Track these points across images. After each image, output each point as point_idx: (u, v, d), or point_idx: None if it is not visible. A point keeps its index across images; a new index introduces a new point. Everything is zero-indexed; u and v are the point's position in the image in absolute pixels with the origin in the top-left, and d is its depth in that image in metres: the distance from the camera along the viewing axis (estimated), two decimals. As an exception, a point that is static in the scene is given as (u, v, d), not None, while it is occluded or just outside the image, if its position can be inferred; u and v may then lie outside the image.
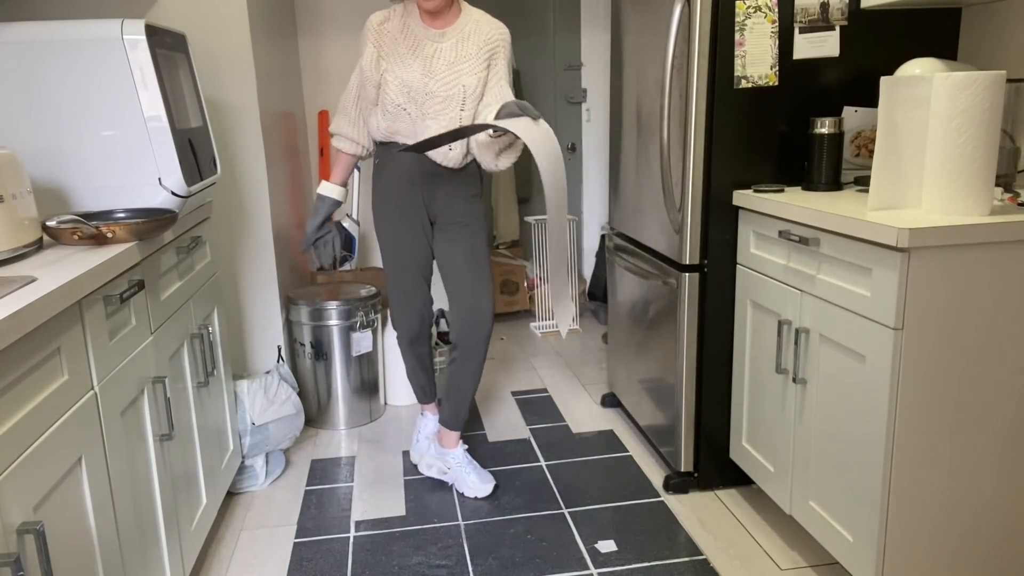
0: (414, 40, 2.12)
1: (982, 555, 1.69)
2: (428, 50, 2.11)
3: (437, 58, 2.11)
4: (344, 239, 3.60)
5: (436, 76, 2.11)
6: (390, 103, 2.13)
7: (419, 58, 2.11)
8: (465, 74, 2.12)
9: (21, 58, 1.73)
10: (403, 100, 2.12)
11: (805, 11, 2.07)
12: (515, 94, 2.46)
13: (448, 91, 2.11)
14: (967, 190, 1.57)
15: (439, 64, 2.11)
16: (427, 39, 2.12)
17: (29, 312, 1.12)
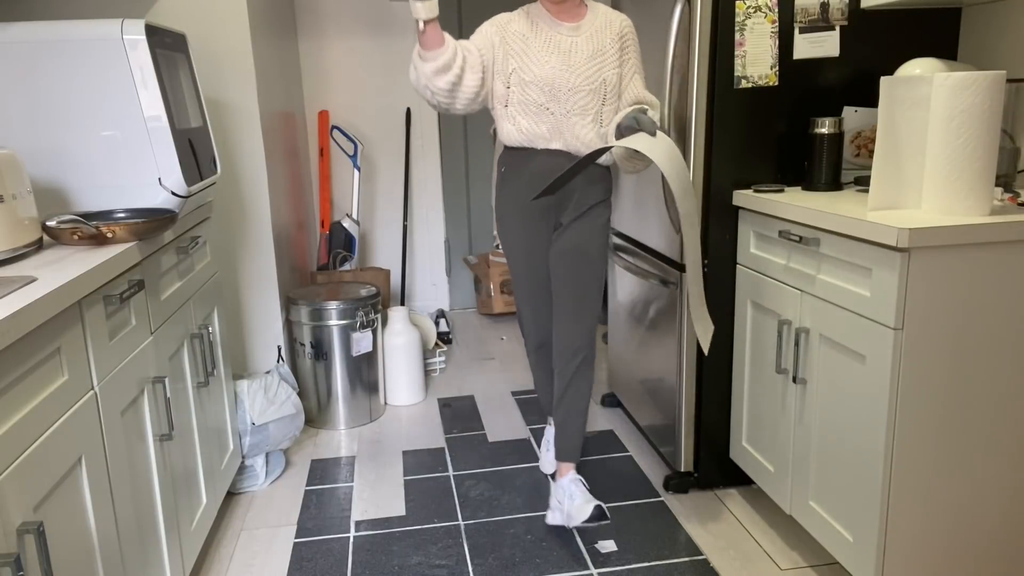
0: (547, 37, 2.04)
1: (982, 555, 1.69)
2: (565, 45, 2.02)
3: (575, 52, 2.02)
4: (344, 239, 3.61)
5: (577, 70, 2.02)
6: (532, 103, 2.03)
7: (556, 53, 2.02)
8: (605, 67, 2.03)
9: (21, 58, 1.73)
10: (545, 99, 2.02)
11: (805, 11, 2.06)
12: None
13: (591, 85, 2.02)
14: (967, 190, 1.57)
15: (579, 58, 2.02)
16: (562, 34, 2.04)
17: (29, 312, 1.12)
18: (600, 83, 2.02)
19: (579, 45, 2.02)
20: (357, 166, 3.69)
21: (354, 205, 3.70)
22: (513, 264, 2.22)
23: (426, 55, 2.00)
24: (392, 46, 3.91)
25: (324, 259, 3.62)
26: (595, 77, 2.02)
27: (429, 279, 4.25)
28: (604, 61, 2.03)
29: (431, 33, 1.99)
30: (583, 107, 2.03)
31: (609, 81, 2.04)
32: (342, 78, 3.88)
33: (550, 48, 2.02)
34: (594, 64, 2.02)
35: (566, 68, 2.01)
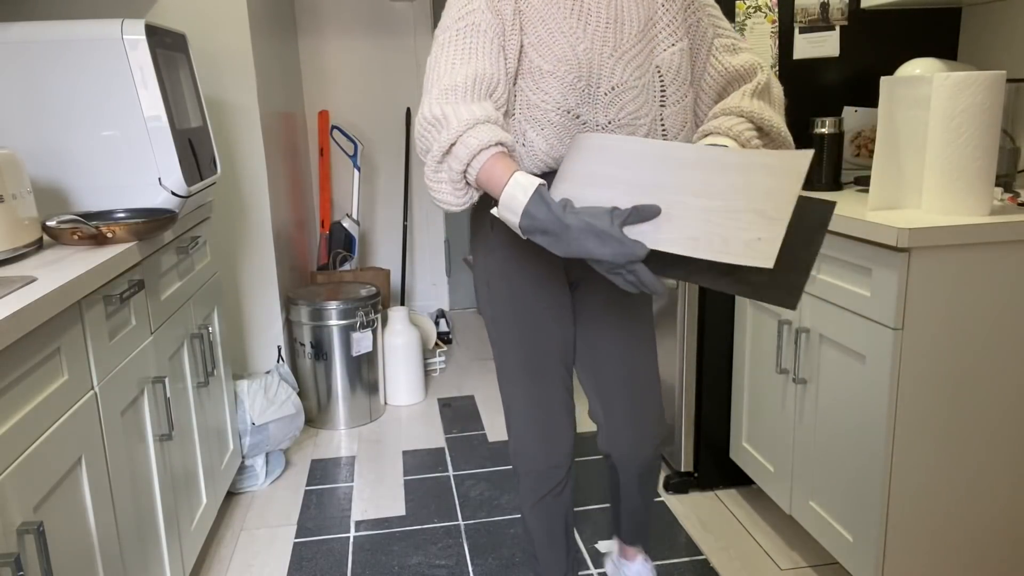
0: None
1: (982, 555, 1.69)
2: (604, 9, 1.26)
3: (621, 22, 1.26)
4: (344, 239, 3.61)
5: (624, 52, 1.27)
6: (550, 108, 1.26)
7: (591, 24, 1.26)
8: (661, 42, 1.29)
9: (21, 58, 1.73)
10: (574, 101, 1.26)
11: (805, 11, 2.07)
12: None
13: (641, 77, 1.28)
14: (967, 190, 1.57)
15: (626, 32, 1.27)
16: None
17: (29, 312, 1.12)
18: (654, 73, 1.29)
19: (626, 9, 1.27)
20: (357, 166, 3.69)
21: (354, 205, 3.70)
22: (506, 344, 1.43)
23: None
24: (392, 46, 3.91)
25: (324, 259, 3.62)
26: (646, 64, 1.29)
27: (429, 279, 4.25)
28: (661, 32, 1.29)
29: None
30: (632, 114, 1.29)
31: (667, 66, 1.30)
32: (342, 78, 3.88)
33: (583, 12, 1.26)
34: (646, 41, 1.28)
35: (611, 48, 1.27)
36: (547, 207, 1.09)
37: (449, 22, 1.25)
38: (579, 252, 1.09)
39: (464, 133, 1.14)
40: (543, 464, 1.47)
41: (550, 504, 1.51)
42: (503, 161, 1.14)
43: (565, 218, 1.08)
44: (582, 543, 2.12)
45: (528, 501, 1.52)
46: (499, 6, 1.23)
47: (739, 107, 1.30)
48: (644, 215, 1.08)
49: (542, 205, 1.10)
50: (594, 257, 1.08)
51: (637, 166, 1.12)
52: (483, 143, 1.13)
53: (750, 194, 1.06)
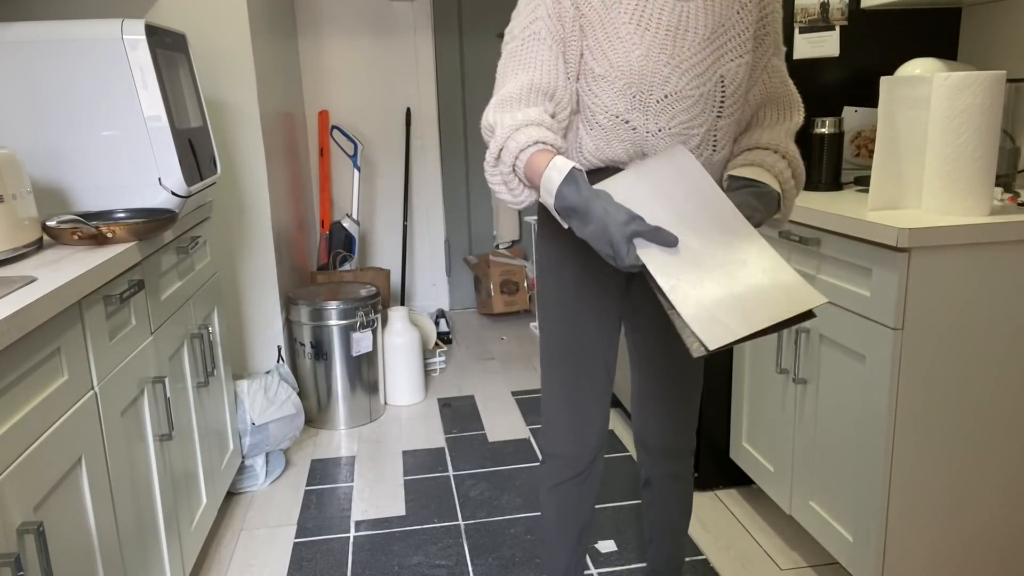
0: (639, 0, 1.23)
1: (983, 555, 1.69)
2: (668, 15, 1.22)
3: (686, 28, 1.23)
4: (344, 239, 3.61)
5: (684, 62, 1.24)
6: (601, 111, 1.27)
7: (654, 29, 1.22)
8: (727, 54, 1.26)
9: (21, 58, 1.73)
10: (625, 106, 1.25)
11: (805, 11, 2.06)
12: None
13: (700, 87, 1.25)
14: (967, 190, 1.57)
15: (687, 40, 1.23)
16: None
17: (29, 312, 1.12)
18: (716, 83, 1.26)
19: (693, 15, 1.23)
20: (357, 166, 3.69)
21: (354, 205, 3.70)
22: (554, 340, 1.45)
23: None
24: (392, 46, 3.91)
25: (324, 259, 3.62)
26: (708, 74, 1.25)
27: (429, 279, 4.25)
28: (729, 42, 1.25)
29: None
30: (685, 124, 1.27)
31: (731, 77, 1.27)
32: (342, 78, 3.88)
33: (644, 17, 1.23)
34: (711, 52, 1.25)
35: (667, 56, 1.23)
36: (577, 187, 1.13)
37: (516, 31, 1.28)
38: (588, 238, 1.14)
39: (509, 137, 1.20)
40: (569, 451, 1.48)
41: (569, 490, 1.52)
42: (544, 154, 1.18)
43: (591, 201, 1.12)
44: (582, 543, 2.13)
45: (547, 483, 1.53)
46: (560, 11, 1.23)
47: (786, 149, 1.35)
48: (658, 239, 1.11)
49: (572, 185, 1.13)
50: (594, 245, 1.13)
51: (697, 204, 1.17)
52: (523, 144, 1.18)
53: (750, 290, 1.11)
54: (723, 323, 1.07)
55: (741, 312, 1.08)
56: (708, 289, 1.10)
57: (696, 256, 1.13)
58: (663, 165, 1.21)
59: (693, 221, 1.16)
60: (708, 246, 1.14)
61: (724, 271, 1.12)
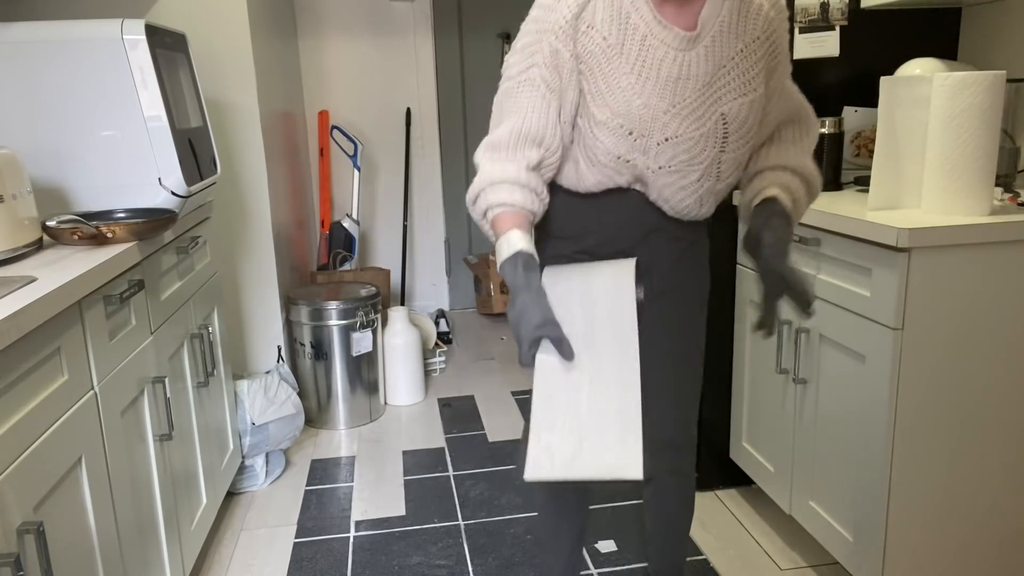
0: (641, 46, 1.22)
1: (983, 555, 1.69)
2: (668, 67, 1.22)
3: (686, 78, 1.23)
4: (344, 239, 3.61)
5: (683, 110, 1.25)
6: (603, 154, 1.29)
7: (651, 80, 1.23)
8: (728, 94, 1.25)
9: (21, 58, 1.73)
10: (625, 149, 1.27)
11: (805, 11, 2.06)
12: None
13: (700, 127, 1.26)
14: (967, 190, 1.57)
15: (689, 88, 1.24)
16: (668, 46, 1.22)
17: (29, 312, 1.12)
18: (715, 123, 1.26)
19: (693, 64, 1.23)
20: (357, 166, 3.70)
21: (354, 205, 3.70)
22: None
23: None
24: (392, 46, 3.91)
25: (324, 259, 3.62)
26: (707, 115, 1.26)
27: (429, 279, 4.25)
28: (730, 83, 1.25)
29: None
30: (686, 162, 1.29)
31: (733, 115, 1.26)
32: (342, 78, 3.88)
33: (644, 68, 1.23)
34: (710, 94, 1.25)
35: (667, 104, 1.24)
36: (515, 270, 1.21)
37: (513, 72, 1.29)
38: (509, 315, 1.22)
39: (485, 189, 1.27)
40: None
41: (564, 488, 1.53)
42: (508, 219, 1.25)
43: (520, 290, 1.19)
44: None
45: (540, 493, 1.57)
46: (558, 61, 1.24)
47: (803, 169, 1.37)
48: (560, 350, 1.18)
49: (512, 266, 1.21)
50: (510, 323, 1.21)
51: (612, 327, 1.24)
52: (493, 202, 1.26)
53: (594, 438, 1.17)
54: (552, 460, 1.15)
55: (572, 456, 1.15)
56: (566, 424, 1.18)
57: (578, 384, 1.20)
58: (606, 276, 1.29)
59: (600, 344, 1.23)
60: (593, 377, 1.21)
61: (589, 410, 1.19)
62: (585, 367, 1.22)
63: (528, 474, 1.14)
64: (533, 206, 1.28)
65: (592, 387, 1.21)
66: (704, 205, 1.37)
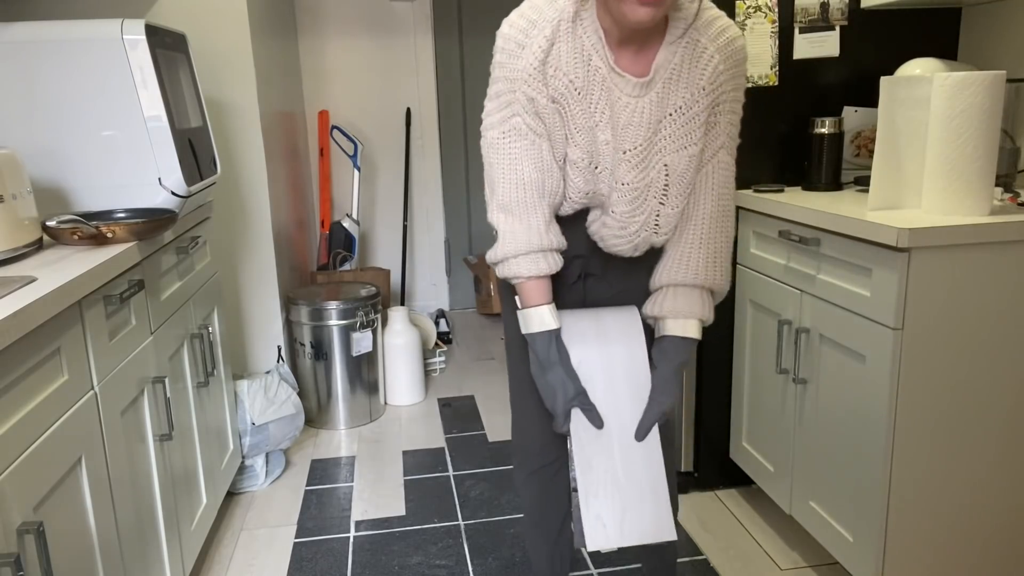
0: (602, 87, 1.23)
1: (983, 555, 1.69)
2: (620, 111, 1.24)
3: (636, 125, 1.24)
4: (344, 239, 3.61)
5: (632, 154, 1.26)
6: (575, 192, 1.31)
7: (608, 119, 1.25)
8: (671, 144, 1.26)
9: (21, 58, 1.73)
10: (593, 185, 1.30)
11: (805, 11, 2.06)
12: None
13: (644, 177, 1.28)
14: (967, 190, 1.57)
15: (638, 134, 1.25)
16: (623, 92, 1.23)
17: (29, 312, 1.12)
18: (658, 173, 1.27)
19: (646, 111, 1.24)
20: (357, 166, 3.70)
21: (354, 205, 3.70)
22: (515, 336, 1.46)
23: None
24: (392, 46, 3.91)
25: (324, 259, 3.62)
26: (652, 163, 1.27)
27: (429, 279, 4.25)
28: (674, 133, 1.25)
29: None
30: (628, 212, 1.30)
31: (674, 166, 1.27)
32: (342, 78, 3.88)
33: (606, 108, 1.24)
34: (656, 141, 1.26)
35: (618, 151, 1.26)
36: (548, 346, 1.31)
37: (494, 120, 1.29)
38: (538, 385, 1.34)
39: (511, 259, 1.31)
40: (539, 440, 1.54)
41: (545, 481, 1.57)
42: (536, 288, 1.32)
43: (554, 364, 1.31)
44: (582, 543, 2.12)
45: (522, 473, 1.59)
46: (537, 108, 1.24)
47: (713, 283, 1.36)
48: (590, 418, 1.31)
49: (546, 342, 1.31)
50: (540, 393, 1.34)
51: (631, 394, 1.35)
52: (523, 273, 1.31)
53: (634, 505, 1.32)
54: (605, 529, 1.29)
55: (619, 525, 1.29)
56: (608, 489, 1.30)
57: (610, 448, 1.32)
58: (619, 342, 1.38)
59: (622, 407, 1.34)
60: (621, 440, 1.33)
61: (624, 474, 1.31)
62: (612, 430, 1.33)
63: (589, 545, 1.27)
64: (556, 267, 1.33)
65: (621, 451, 1.32)
66: (638, 251, 1.37)
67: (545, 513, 1.59)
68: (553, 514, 1.59)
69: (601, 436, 1.32)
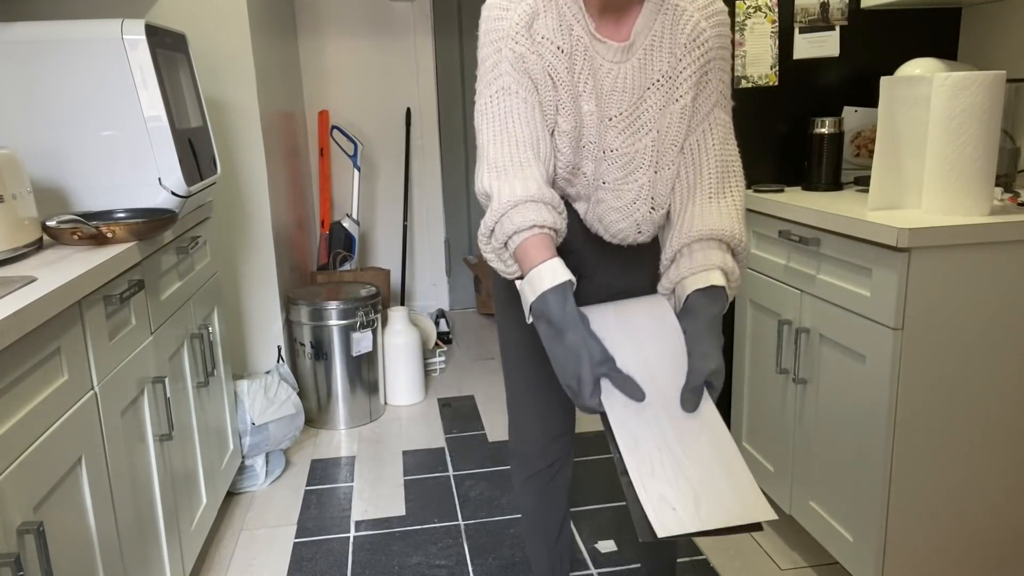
0: (585, 55, 1.23)
1: (983, 555, 1.69)
2: (603, 77, 1.23)
3: (620, 91, 1.24)
4: (344, 239, 3.61)
5: (618, 120, 1.25)
6: (562, 165, 1.28)
7: (592, 87, 1.24)
8: (660, 110, 1.25)
9: (21, 58, 1.73)
10: (579, 157, 1.28)
11: (805, 11, 2.06)
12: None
13: (634, 144, 1.26)
14: (967, 190, 1.57)
15: (623, 100, 1.24)
16: (602, 58, 1.23)
17: (29, 312, 1.12)
18: (647, 142, 1.26)
19: (629, 77, 1.24)
20: (357, 166, 3.69)
21: (354, 205, 3.70)
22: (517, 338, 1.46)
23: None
24: (392, 46, 3.91)
25: (324, 259, 3.62)
26: (642, 131, 1.25)
27: (429, 279, 4.25)
28: (662, 97, 1.24)
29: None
30: (620, 180, 1.28)
31: (665, 130, 1.25)
32: (342, 78, 3.88)
33: (589, 76, 1.23)
34: (644, 109, 1.25)
35: (601, 116, 1.25)
36: (563, 302, 1.09)
37: (482, 86, 1.25)
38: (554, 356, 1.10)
39: (504, 215, 1.16)
40: (538, 444, 1.50)
41: (542, 485, 1.54)
42: (539, 243, 1.15)
43: (572, 324, 1.08)
44: (582, 543, 2.12)
45: (520, 477, 1.56)
46: (526, 65, 1.21)
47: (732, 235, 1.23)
48: (626, 390, 1.09)
49: (560, 297, 1.10)
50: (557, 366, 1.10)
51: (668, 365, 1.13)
52: (519, 225, 1.15)
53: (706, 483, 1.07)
54: (675, 512, 1.03)
55: (694, 505, 1.04)
56: (666, 468, 1.07)
57: (658, 422, 1.09)
58: (643, 313, 1.19)
59: (661, 381, 1.11)
60: (671, 414, 1.10)
61: (684, 450, 1.08)
62: (655, 403, 1.11)
63: (660, 532, 1.01)
64: (559, 224, 1.18)
65: (673, 426, 1.10)
66: (642, 232, 1.32)
67: (544, 516, 1.57)
68: (552, 517, 1.58)
69: (644, 410, 1.09)
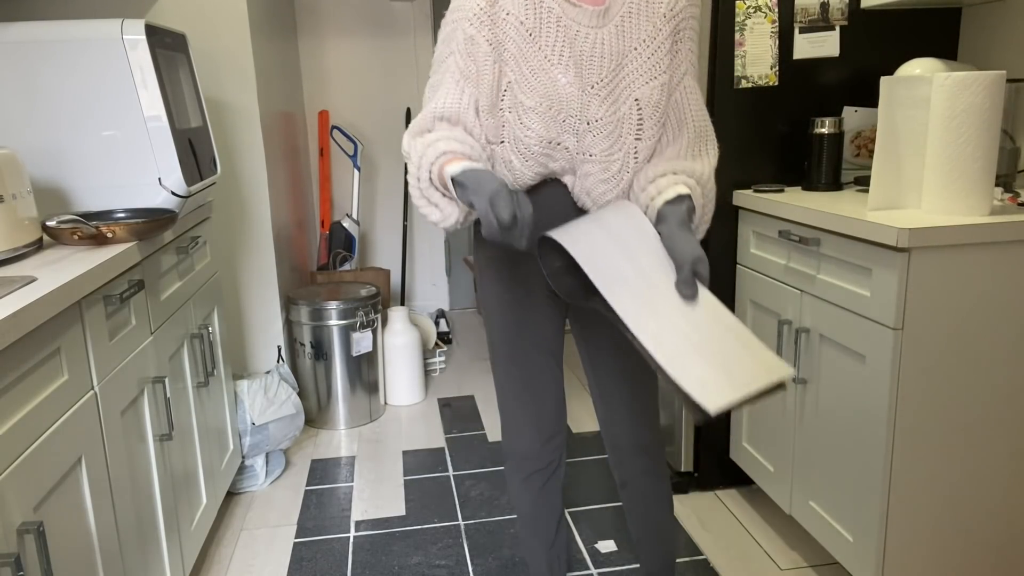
0: (557, 27, 1.24)
1: (982, 555, 1.69)
2: (580, 44, 1.24)
3: (599, 57, 1.25)
4: (344, 239, 3.61)
5: (599, 88, 1.26)
6: (536, 142, 1.27)
7: (572, 58, 1.25)
8: (640, 76, 1.26)
9: (21, 58, 1.73)
10: (556, 132, 1.27)
11: (805, 11, 2.06)
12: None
13: (615, 112, 1.27)
14: (967, 190, 1.57)
15: (603, 67, 1.25)
16: (580, 23, 1.24)
17: (29, 312, 1.12)
18: (630, 108, 1.26)
19: (606, 43, 1.25)
20: (357, 166, 3.70)
21: (354, 205, 3.70)
22: (499, 340, 1.47)
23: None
24: (392, 46, 3.91)
25: (324, 259, 3.62)
26: (622, 98, 1.26)
27: (429, 279, 4.25)
28: (641, 66, 1.26)
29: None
30: (606, 150, 1.28)
31: (646, 99, 1.27)
32: (342, 78, 3.88)
33: (563, 47, 1.24)
34: (623, 76, 1.26)
35: (582, 84, 1.25)
36: (476, 172, 1.15)
37: (436, 60, 1.33)
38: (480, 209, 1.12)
39: (422, 154, 1.24)
40: (532, 444, 1.51)
41: (536, 487, 1.54)
42: (452, 160, 1.20)
43: (486, 179, 1.12)
44: (582, 543, 2.12)
45: (516, 479, 1.56)
46: (473, 48, 1.25)
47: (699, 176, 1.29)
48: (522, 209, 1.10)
49: (473, 171, 1.15)
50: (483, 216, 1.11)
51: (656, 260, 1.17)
52: (436, 154, 1.22)
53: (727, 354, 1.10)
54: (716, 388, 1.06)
55: (727, 379, 1.07)
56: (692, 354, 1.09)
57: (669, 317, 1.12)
58: (623, 222, 1.21)
59: (659, 282, 1.15)
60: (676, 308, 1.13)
61: (700, 336, 1.11)
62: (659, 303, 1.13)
63: (712, 408, 1.03)
64: (476, 152, 1.25)
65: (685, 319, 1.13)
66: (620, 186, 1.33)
67: (540, 518, 1.58)
68: (548, 519, 1.58)
69: (656, 312, 1.11)
